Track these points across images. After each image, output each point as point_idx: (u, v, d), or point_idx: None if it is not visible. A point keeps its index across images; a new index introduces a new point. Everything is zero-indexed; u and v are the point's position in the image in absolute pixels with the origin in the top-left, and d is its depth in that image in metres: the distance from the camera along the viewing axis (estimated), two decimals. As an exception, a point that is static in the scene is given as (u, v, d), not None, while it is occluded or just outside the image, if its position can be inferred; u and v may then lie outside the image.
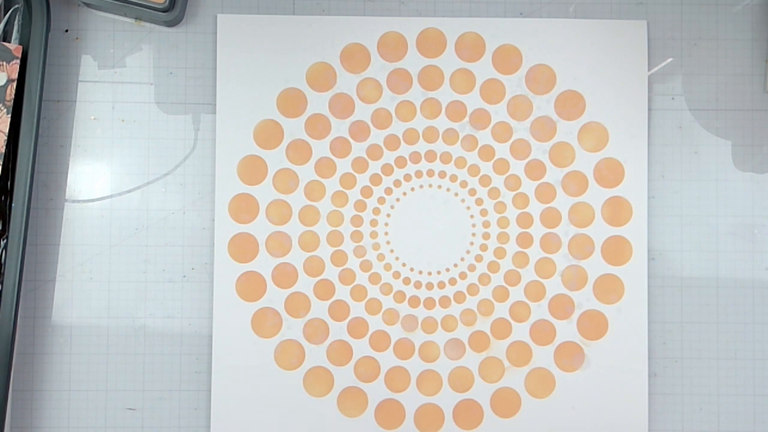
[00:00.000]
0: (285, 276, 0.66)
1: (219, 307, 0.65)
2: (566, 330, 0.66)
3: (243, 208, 0.66)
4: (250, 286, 0.66)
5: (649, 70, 0.67)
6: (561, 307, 0.66)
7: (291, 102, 0.66)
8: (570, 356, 0.66)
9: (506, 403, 0.66)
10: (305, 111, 0.66)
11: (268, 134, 0.66)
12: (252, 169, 0.66)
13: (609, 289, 0.66)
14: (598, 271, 0.66)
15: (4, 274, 0.61)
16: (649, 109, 0.67)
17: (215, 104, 0.66)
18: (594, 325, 0.66)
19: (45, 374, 0.66)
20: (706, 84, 0.67)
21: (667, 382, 0.67)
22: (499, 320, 0.66)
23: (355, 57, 0.66)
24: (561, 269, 0.66)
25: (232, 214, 0.66)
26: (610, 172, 0.66)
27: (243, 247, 0.66)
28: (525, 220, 0.66)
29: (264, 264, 0.66)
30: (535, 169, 0.66)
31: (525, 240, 0.66)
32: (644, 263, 0.66)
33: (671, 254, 0.67)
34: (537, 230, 0.66)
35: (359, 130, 0.66)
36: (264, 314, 0.66)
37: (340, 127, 0.66)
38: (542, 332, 0.66)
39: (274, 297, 0.66)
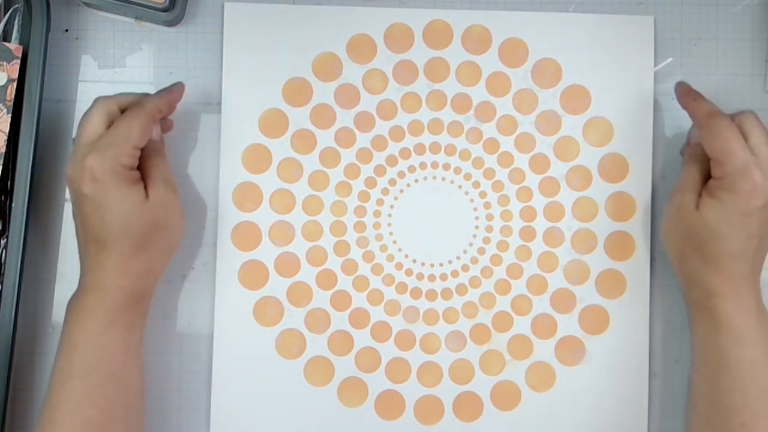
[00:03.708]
0: (287, 265, 0.66)
1: (221, 296, 0.65)
2: (567, 324, 0.66)
3: (247, 196, 0.66)
4: (252, 275, 0.66)
5: (654, 65, 0.67)
6: (563, 301, 0.66)
7: (297, 91, 0.66)
8: (571, 350, 0.66)
9: (506, 397, 0.66)
10: (311, 101, 0.66)
11: (273, 123, 0.66)
12: (256, 158, 0.66)
13: (611, 284, 0.66)
14: (601, 266, 0.66)
15: (4, 274, 0.61)
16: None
17: (216, 104, 0.66)
18: (595, 320, 0.66)
19: (45, 374, 0.65)
20: (706, 84, 0.68)
21: (667, 382, 0.66)
22: (500, 313, 0.66)
23: (361, 48, 0.66)
24: (563, 263, 0.66)
25: (236, 203, 0.66)
26: (615, 168, 0.66)
27: (246, 236, 0.66)
28: (528, 213, 0.66)
29: (267, 253, 0.66)
30: (540, 163, 0.67)
31: (528, 233, 0.66)
32: (647, 259, 0.66)
33: (671, 254, 0.67)
34: (540, 224, 0.67)
35: (364, 121, 0.66)
36: (266, 303, 0.65)
37: (345, 118, 0.66)
38: (543, 326, 0.66)
39: (277, 286, 0.66)
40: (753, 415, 0.56)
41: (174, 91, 0.62)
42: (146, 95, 0.61)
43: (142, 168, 0.59)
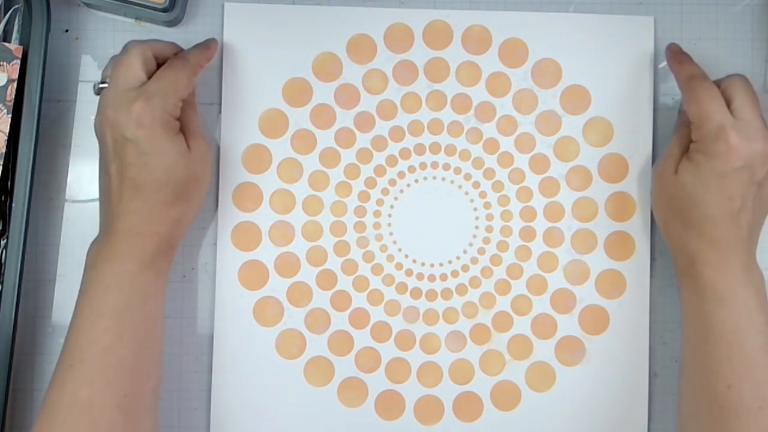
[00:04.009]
0: (287, 265, 0.66)
1: (221, 296, 0.65)
2: (567, 324, 0.66)
3: (247, 196, 0.66)
4: (252, 275, 0.66)
5: (655, 66, 0.67)
6: (562, 301, 0.66)
7: (297, 91, 0.66)
8: (571, 350, 0.66)
9: (506, 397, 0.66)
10: (311, 101, 0.66)
11: (273, 123, 0.66)
12: (257, 158, 0.66)
13: (611, 284, 0.66)
14: (601, 266, 0.66)
15: (4, 274, 0.61)
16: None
17: (216, 104, 0.66)
18: (595, 320, 0.66)
19: (45, 374, 0.65)
20: (707, 84, 0.67)
21: (667, 382, 0.66)
22: (500, 313, 0.66)
23: (361, 48, 0.66)
24: (563, 263, 0.66)
25: (236, 203, 0.66)
26: (615, 168, 0.66)
27: (246, 236, 0.66)
28: (528, 213, 0.66)
29: (267, 253, 0.66)
30: (540, 163, 0.67)
31: (528, 234, 0.66)
32: (647, 259, 0.66)
33: (671, 254, 0.67)
34: (540, 224, 0.66)
35: (364, 121, 0.66)
36: (266, 303, 0.65)
37: (345, 118, 0.66)
38: (543, 326, 0.66)
39: (277, 286, 0.66)
40: (738, 378, 0.56)
41: (210, 47, 0.63)
42: (173, 44, 0.63)
43: (180, 120, 0.60)
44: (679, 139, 0.62)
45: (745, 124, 0.57)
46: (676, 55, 0.63)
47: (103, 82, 0.60)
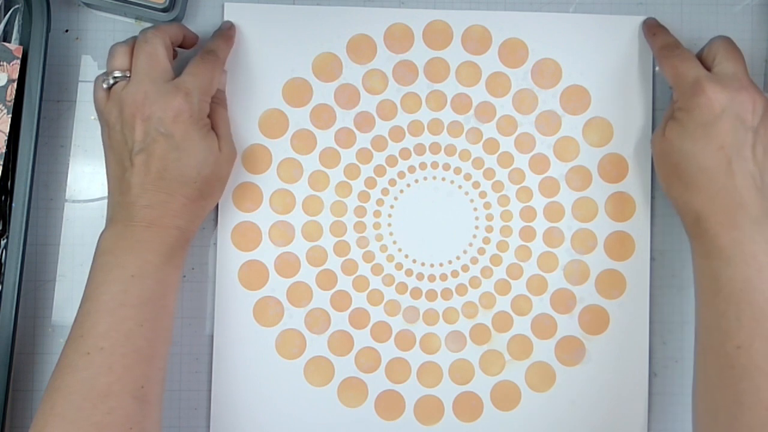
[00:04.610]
0: (287, 265, 0.66)
1: (221, 296, 0.65)
2: (567, 324, 0.66)
3: (247, 196, 0.66)
4: (252, 275, 0.66)
5: (654, 66, 0.67)
6: (563, 301, 0.66)
7: (297, 91, 0.66)
8: (571, 351, 0.66)
9: (506, 397, 0.66)
10: (311, 101, 0.66)
11: (273, 123, 0.66)
12: (257, 158, 0.66)
13: (611, 284, 0.66)
14: (601, 266, 0.66)
15: (4, 274, 0.61)
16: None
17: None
18: (595, 320, 0.66)
19: (45, 374, 0.65)
20: (707, 84, 0.67)
21: (667, 382, 0.66)
22: (500, 313, 0.66)
23: (361, 48, 0.66)
24: (563, 264, 0.66)
25: (236, 203, 0.66)
26: (614, 168, 0.66)
27: (246, 236, 0.66)
28: (528, 213, 0.66)
29: (267, 253, 0.66)
30: (540, 163, 0.67)
31: (528, 234, 0.66)
32: (646, 259, 0.66)
33: (671, 254, 0.67)
34: (540, 224, 0.66)
35: (364, 121, 0.66)
36: (266, 303, 0.65)
37: (345, 118, 0.66)
38: (543, 326, 0.66)
39: (277, 286, 0.66)
40: (749, 337, 0.55)
41: (231, 35, 0.65)
42: (181, 26, 0.63)
43: (213, 120, 0.61)
44: (669, 110, 0.62)
45: (724, 76, 0.58)
46: (651, 28, 0.65)
47: (114, 74, 0.59)
